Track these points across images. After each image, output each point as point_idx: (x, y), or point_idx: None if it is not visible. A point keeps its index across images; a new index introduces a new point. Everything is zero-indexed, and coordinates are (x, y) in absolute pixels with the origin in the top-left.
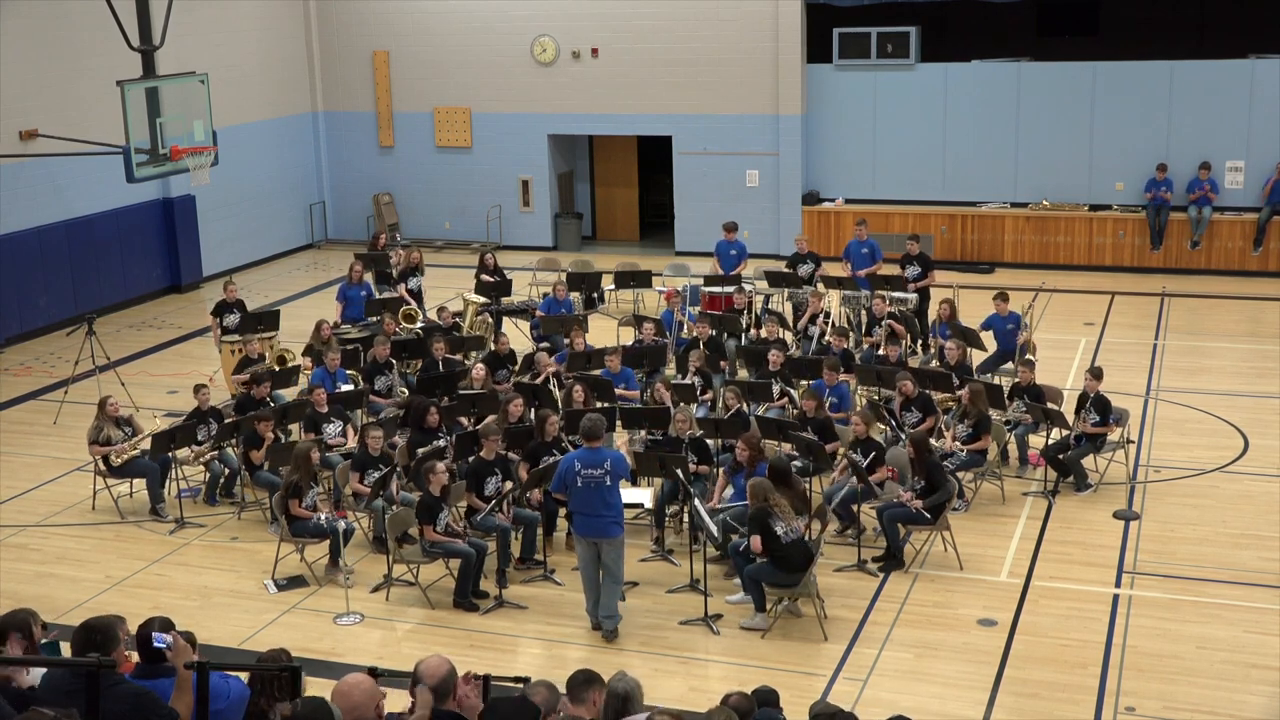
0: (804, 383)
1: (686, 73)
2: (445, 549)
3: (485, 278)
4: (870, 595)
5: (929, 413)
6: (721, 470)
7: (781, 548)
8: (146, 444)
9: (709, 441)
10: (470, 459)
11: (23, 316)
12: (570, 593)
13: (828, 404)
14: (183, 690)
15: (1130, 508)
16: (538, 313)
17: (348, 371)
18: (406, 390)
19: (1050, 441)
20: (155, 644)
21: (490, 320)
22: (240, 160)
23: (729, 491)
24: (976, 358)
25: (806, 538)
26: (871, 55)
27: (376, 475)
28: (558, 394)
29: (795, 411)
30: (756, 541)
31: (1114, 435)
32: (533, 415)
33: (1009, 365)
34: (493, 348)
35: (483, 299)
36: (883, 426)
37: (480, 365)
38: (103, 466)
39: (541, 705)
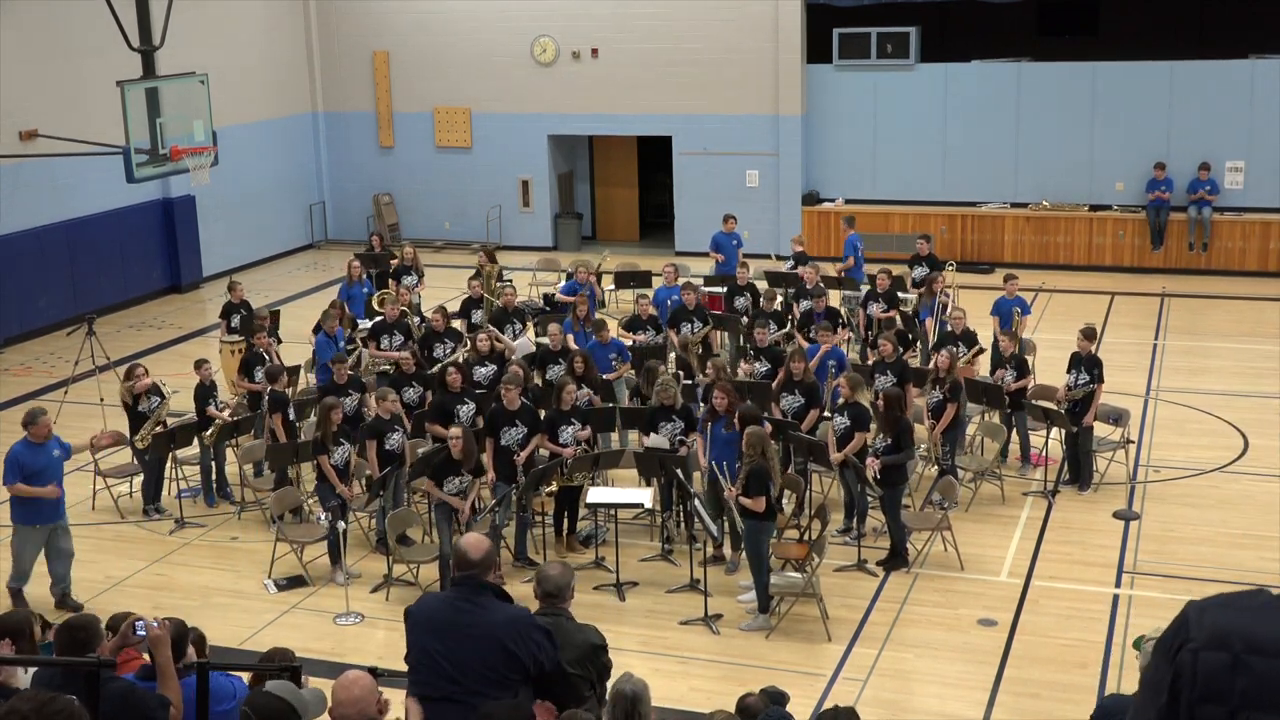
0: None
1: (686, 73)
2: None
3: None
4: (870, 595)
5: (904, 379)
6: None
7: (770, 509)
8: (169, 421)
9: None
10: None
11: (23, 316)
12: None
13: (830, 367)
14: (165, 678)
15: (1130, 508)
16: (560, 296)
17: (346, 331)
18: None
19: (1053, 439)
20: (136, 633)
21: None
22: (240, 160)
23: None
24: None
25: (782, 500)
26: (871, 55)
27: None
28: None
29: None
30: (760, 502)
31: (1114, 435)
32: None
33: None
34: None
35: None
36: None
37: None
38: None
39: (560, 579)
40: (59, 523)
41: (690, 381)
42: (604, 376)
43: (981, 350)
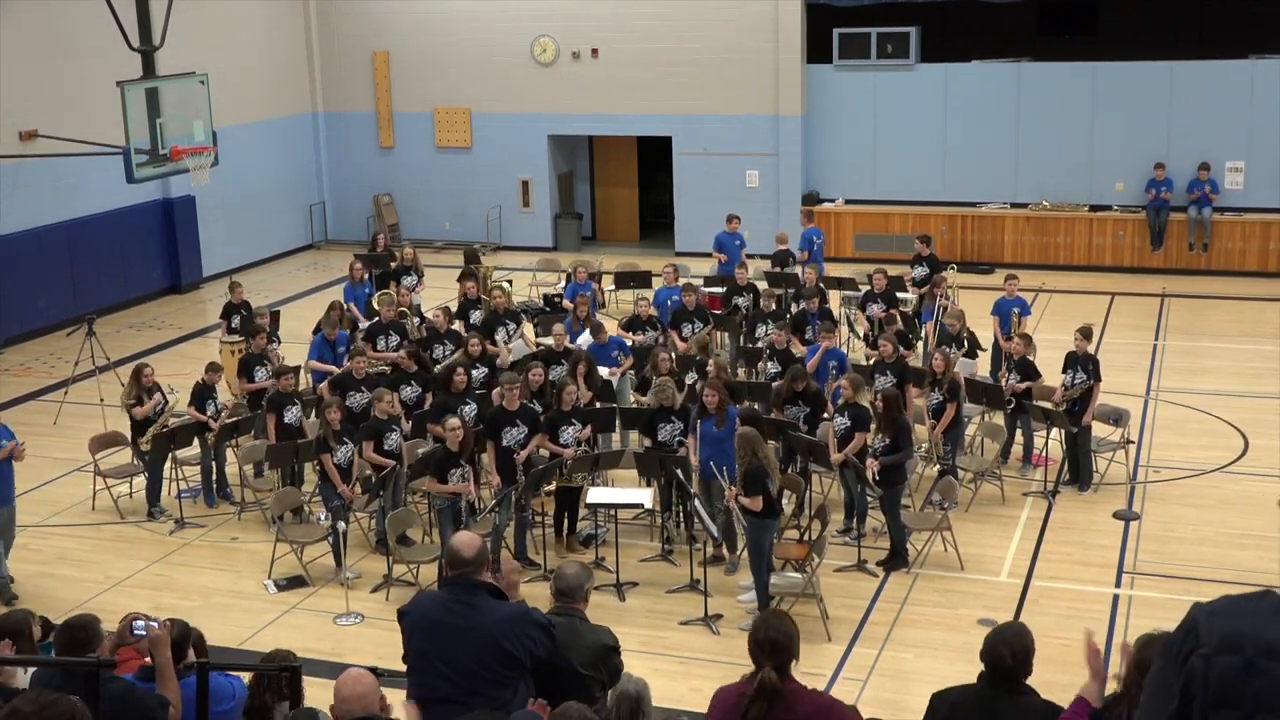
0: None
1: (686, 73)
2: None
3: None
4: (870, 595)
5: (904, 380)
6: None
7: (770, 506)
8: (171, 422)
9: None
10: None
11: (23, 316)
12: None
13: (831, 367)
14: (164, 678)
15: (1130, 508)
16: (564, 301)
17: (348, 333)
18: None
19: (1053, 439)
20: (135, 632)
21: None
22: (240, 160)
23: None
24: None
25: (782, 499)
26: (871, 55)
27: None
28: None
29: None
30: (758, 501)
31: (1114, 435)
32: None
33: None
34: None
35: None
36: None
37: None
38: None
39: (575, 578)
40: (8, 506)
41: (692, 382)
42: (610, 371)
43: (972, 355)
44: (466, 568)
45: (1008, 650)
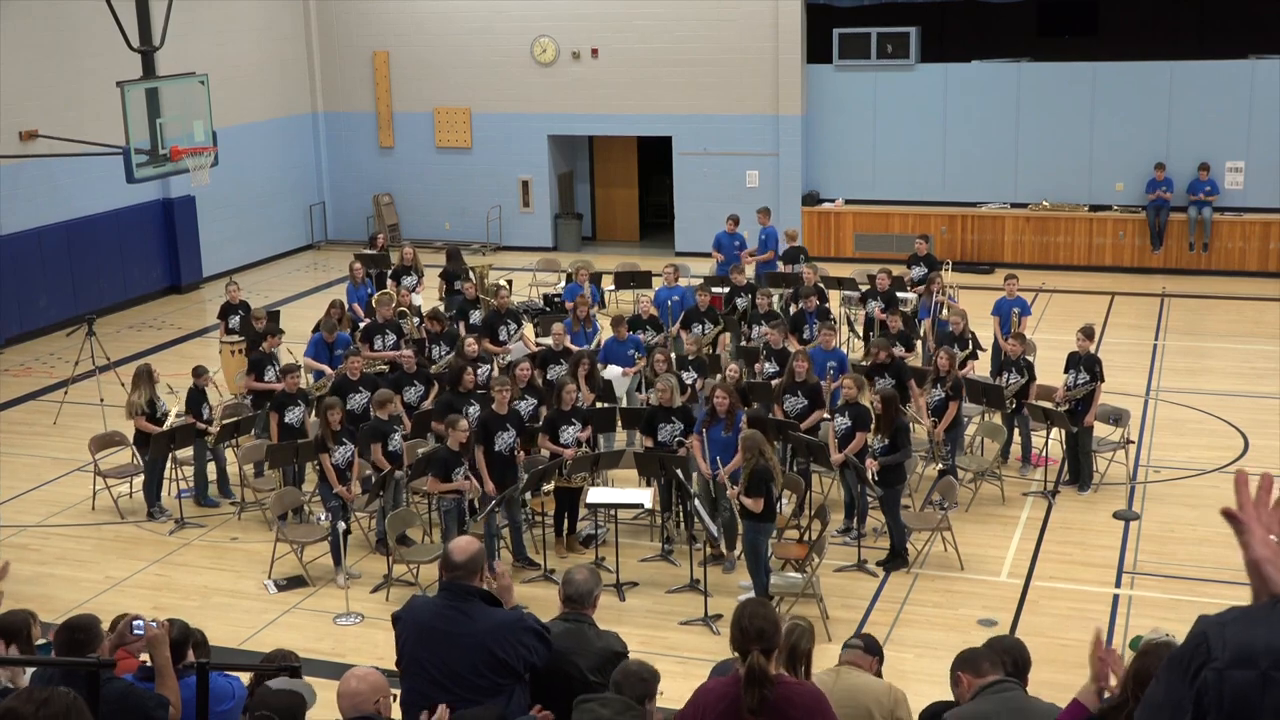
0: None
1: (686, 73)
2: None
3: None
4: (870, 595)
5: (903, 379)
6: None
7: (770, 510)
8: (173, 421)
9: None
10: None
11: (23, 317)
12: None
13: (831, 368)
14: (164, 677)
15: (1130, 508)
16: (568, 304)
17: (348, 333)
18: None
19: (1053, 439)
20: (134, 632)
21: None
22: (240, 160)
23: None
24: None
25: (782, 500)
26: (871, 55)
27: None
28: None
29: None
30: (759, 503)
31: (1114, 435)
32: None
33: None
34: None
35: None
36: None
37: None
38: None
39: (584, 584)
40: None
41: (691, 382)
42: (624, 371)
43: (974, 355)
44: (458, 572)
45: (1009, 659)
